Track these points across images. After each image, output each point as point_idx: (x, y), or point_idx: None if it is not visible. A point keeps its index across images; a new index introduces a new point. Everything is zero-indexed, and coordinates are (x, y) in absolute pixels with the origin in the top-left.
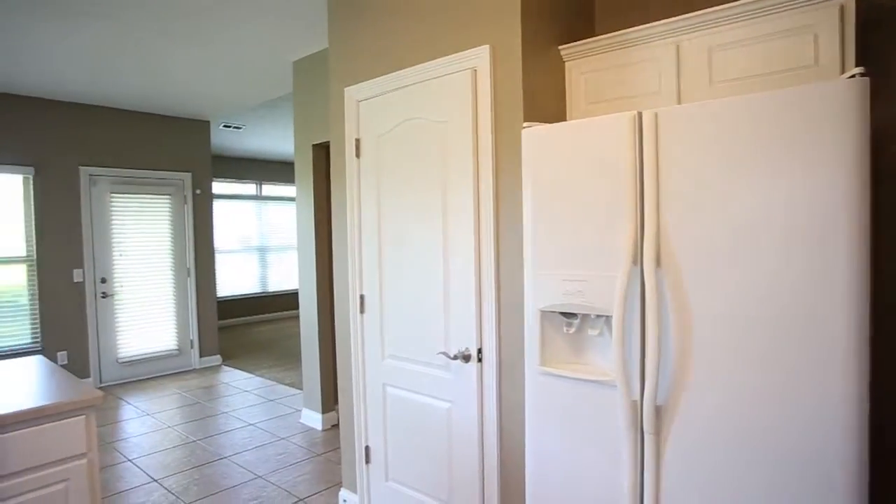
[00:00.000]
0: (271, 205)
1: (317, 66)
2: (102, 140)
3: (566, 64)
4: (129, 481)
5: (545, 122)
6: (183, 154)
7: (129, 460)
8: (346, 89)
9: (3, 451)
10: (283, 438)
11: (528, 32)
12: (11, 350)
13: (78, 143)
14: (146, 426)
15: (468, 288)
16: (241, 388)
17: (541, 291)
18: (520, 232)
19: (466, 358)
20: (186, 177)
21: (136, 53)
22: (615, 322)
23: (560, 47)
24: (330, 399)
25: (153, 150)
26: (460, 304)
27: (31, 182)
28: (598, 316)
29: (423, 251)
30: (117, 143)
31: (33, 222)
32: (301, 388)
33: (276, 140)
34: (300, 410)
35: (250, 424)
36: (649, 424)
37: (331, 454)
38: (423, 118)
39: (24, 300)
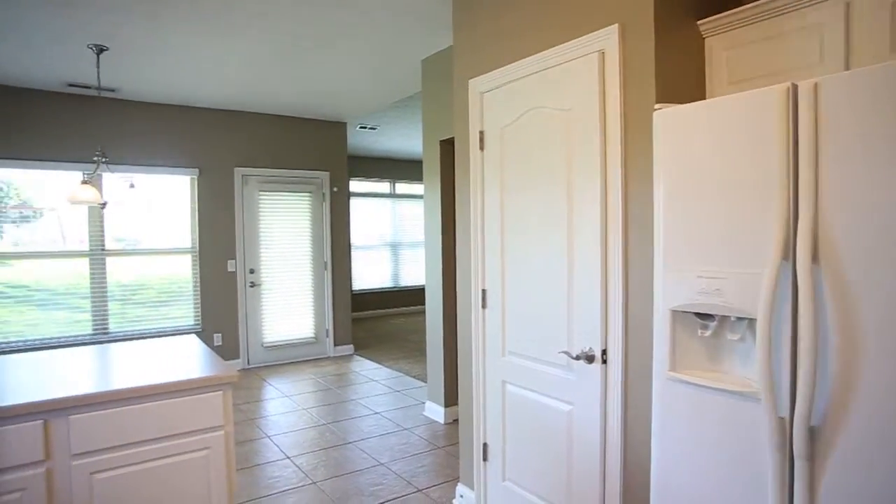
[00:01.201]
0: (404, 202)
1: (444, 62)
2: (253, 143)
3: (705, 41)
4: (266, 456)
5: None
6: (322, 154)
7: (268, 437)
8: (469, 81)
9: (156, 417)
10: (406, 429)
11: (661, 7)
12: (178, 330)
13: (234, 147)
14: (284, 407)
15: (593, 284)
16: (370, 377)
17: (672, 289)
18: (650, 224)
19: (590, 359)
20: (325, 175)
21: (284, 63)
22: (760, 326)
23: (698, 22)
24: (453, 393)
25: (296, 151)
26: (584, 302)
27: (196, 182)
28: (739, 318)
29: (547, 244)
30: (265, 145)
31: (197, 218)
32: (426, 381)
33: (408, 139)
34: (424, 403)
35: (376, 413)
36: (801, 448)
37: (451, 448)
38: (547, 107)
39: (189, 287)
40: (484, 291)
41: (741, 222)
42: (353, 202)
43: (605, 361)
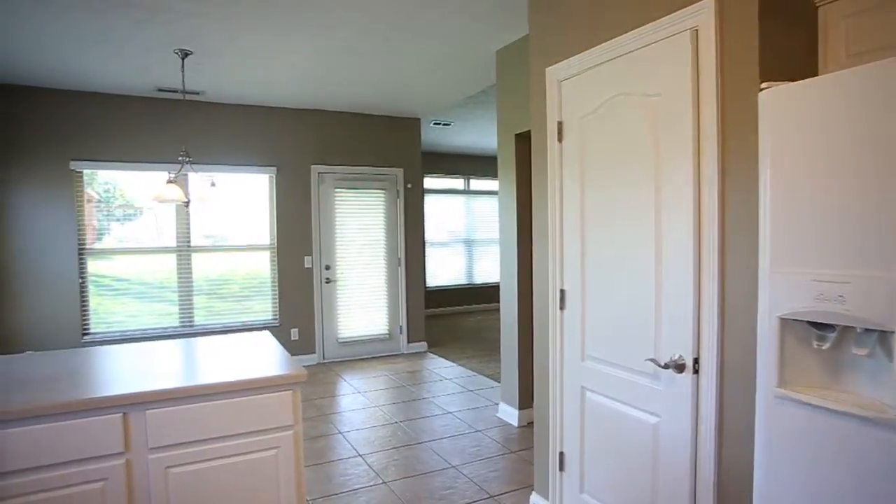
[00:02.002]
0: (479, 199)
1: (519, 52)
2: (329, 141)
3: (818, 9)
4: (339, 452)
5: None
6: (396, 151)
7: (341, 433)
8: (547, 69)
9: (227, 414)
10: (478, 431)
11: None
12: (258, 324)
13: (310, 145)
14: (357, 403)
15: (684, 286)
16: (442, 375)
17: (781, 294)
18: (751, 219)
19: (679, 368)
20: (399, 172)
21: (355, 60)
22: None
23: None
24: (527, 395)
25: (370, 148)
26: (674, 305)
27: (274, 180)
28: (866, 330)
29: (632, 242)
30: (340, 142)
31: (275, 215)
32: (500, 382)
33: (483, 135)
34: (497, 404)
35: (448, 413)
36: None
37: (524, 453)
38: (632, 93)
39: (268, 283)
40: (562, 292)
41: (870, 217)
42: (427, 199)
43: (696, 371)
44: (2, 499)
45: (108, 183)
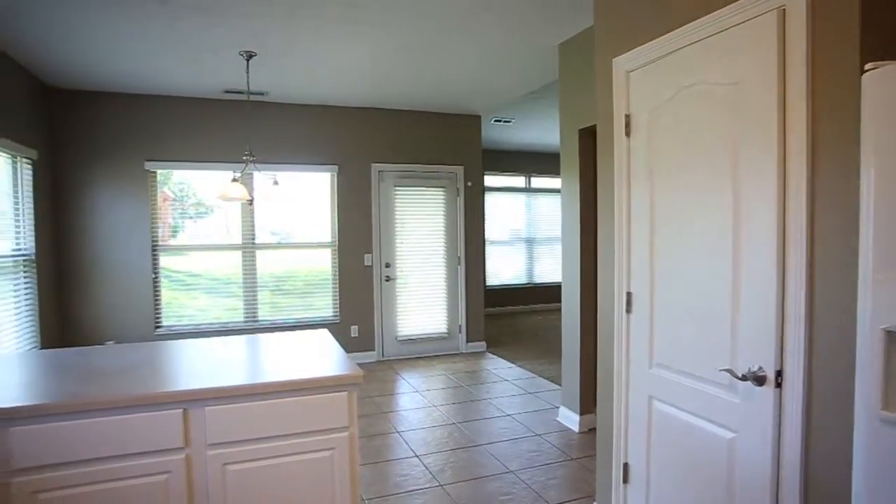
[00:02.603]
0: (540, 197)
1: (582, 45)
2: (389, 139)
3: None
4: (395, 452)
5: None
6: (456, 148)
7: (398, 432)
8: (613, 60)
9: (283, 413)
10: (537, 435)
11: None
12: (319, 321)
13: (370, 143)
14: (415, 402)
15: (765, 291)
16: (502, 376)
17: (885, 303)
18: (849, 218)
19: (759, 380)
20: (459, 170)
21: (413, 57)
22: None
23: None
24: (589, 400)
25: (430, 146)
26: (753, 311)
27: (335, 178)
28: None
29: (706, 242)
30: (400, 140)
31: (336, 213)
32: (560, 385)
33: (544, 132)
34: (558, 408)
35: (507, 415)
36: None
37: (586, 461)
38: (708, 82)
39: (329, 280)
40: (629, 294)
41: None
42: (488, 197)
43: (779, 385)
44: (73, 486)
45: (182, 182)
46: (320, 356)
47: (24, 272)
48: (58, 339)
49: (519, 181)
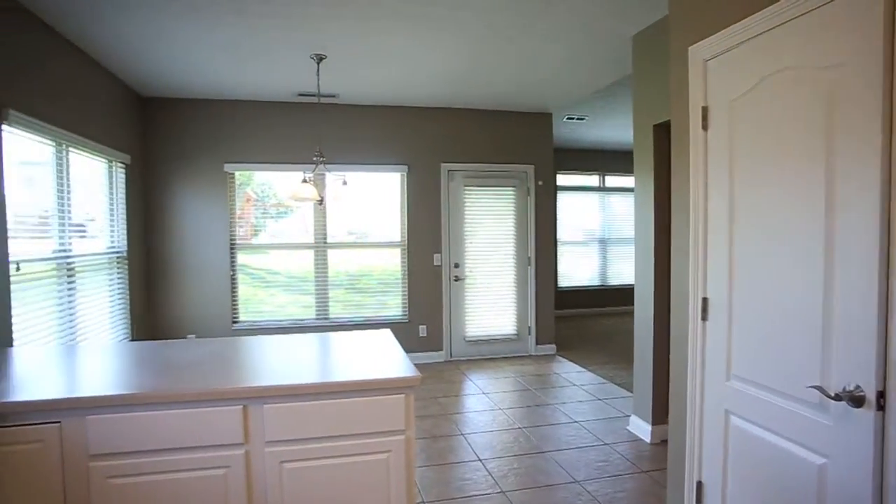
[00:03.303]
0: (615, 196)
1: (658, 35)
2: (459, 138)
3: None
4: (459, 455)
5: None
6: (527, 147)
7: (462, 434)
8: (690, 48)
9: (339, 414)
10: (606, 444)
11: None
12: (388, 320)
13: (440, 143)
14: (481, 404)
15: (865, 300)
16: (571, 381)
17: None
18: None
19: (856, 401)
20: (529, 169)
21: (483, 55)
22: None
23: None
24: (662, 410)
25: (500, 145)
26: (850, 322)
27: (405, 178)
28: None
29: (794, 245)
30: (470, 140)
31: (406, 213)
32: (632, 392)
33: (620, 129)
34: (629, 416)
35: (575, 422)
36: None
37: (657, 474)
38: (799, 66)
39: (399, 279)
40: (704, 300)
41: None
42: (560, 196)
43: (881, 408)
44: (141, 474)
45: (264, 183)
46: (380, 357)
47: (118, 268)
48: (146, 332)
49: (593, 180)
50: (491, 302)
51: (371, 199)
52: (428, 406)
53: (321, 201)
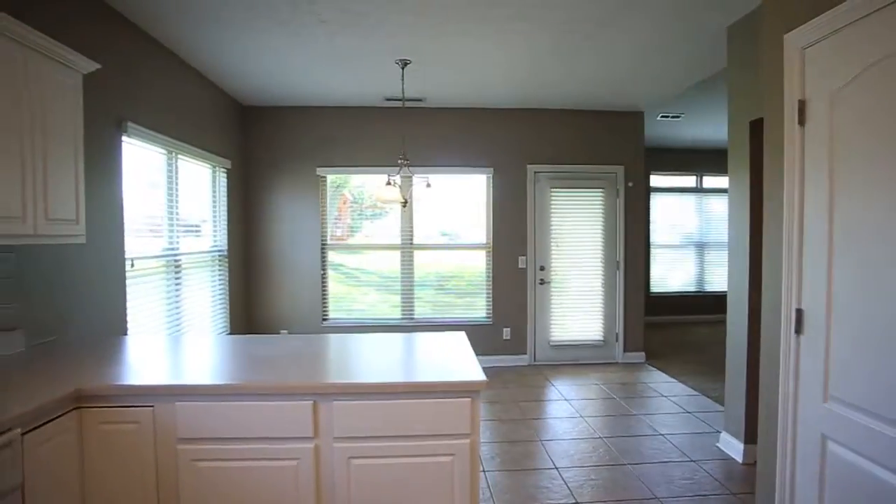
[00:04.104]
0: (713, 198)
1: (754, 26)
2: (544, 139)
3: None
4: (535, 461)
5: None
6: (616, 148)
7: (541, 440)
8: (785, 36)
9: (405, 414)
10: (693, 461)
11: None
12: (471, 322)
13: (526, 144)
14: (562, 411)
15: None
16: (659, 391)
17: None
18: None
19: None
20: (619, 170)
21: (566, 54)
22: None
23: None
24: (756, 427)
25: (587, 146)
26: None
27: (491, 181)
28: None
29: None
30: (556, 141)
31: (491, 215)
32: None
33: (719, 127)
34: (719, 432)
35: (660, 434)
36: None
37: (747, 497)
38: None
39: (483, 281)
40: (799, 311)
41: None
42: (654, 198)
43: None
44: (221, 459)
45: (360, 186)
46: (451, 359)
47: (219, 266)
48: (243, 326)
49: (689, 181)
50: (577, 306)
51: (456, 202)
52: (508, 410)
53: (405, 203)
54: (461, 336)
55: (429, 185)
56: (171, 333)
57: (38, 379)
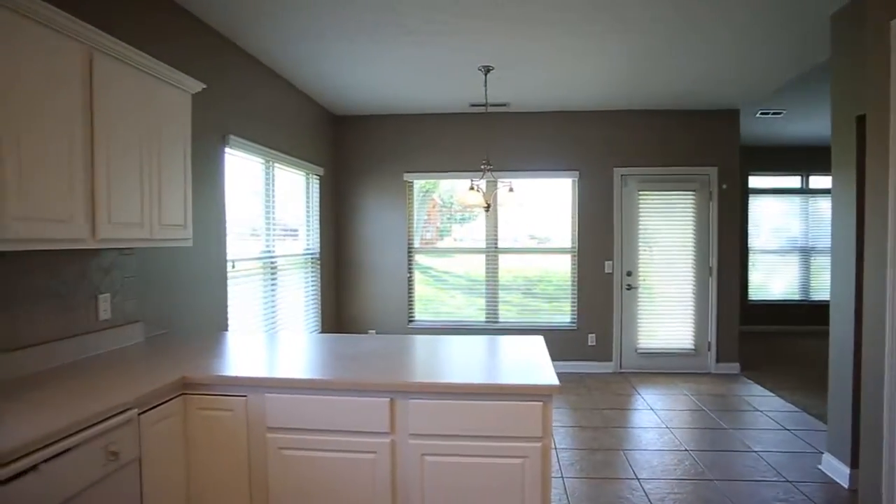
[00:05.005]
0: (820, 199)
1: (859, 13)
2: (632, 141)
3: None
4: (615, 470)
5: None
6: (708, 148)
7: (622, 450)
8: (892, 22)
9: (477, 415)
10: (789, 482)
11: None
12: (556, 326)
13: (613, 147)
14: (647, 420)
15: None
16: (755, 405)
17: None
18: None
19: None
20: (712, 171)
21: (657, 53)
22: None
23: None
24: None
25: (678, 147)
26: None
27: (576, 184)
28: None
29: None
30: (645, 142)
31: (577, 218)
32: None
33: (826, 122)
34: (822, 453)
35: (753, 451)
36: None
37: None
38: None
39: (568, 286)
40: None
41: None
42: (753, 200)
43: None
44: (305, 449)
45: (448, 190)
46: (526, 363)
47: (312, 268)
48: (333, 326)
49: (793, 181)
50: (666, 313)
51: (541, 206)
52: (590, 417)
53: (488, 207)
54: (538, 340)
55: (511, 190)
56: (267, 330)
57: (152, 367)
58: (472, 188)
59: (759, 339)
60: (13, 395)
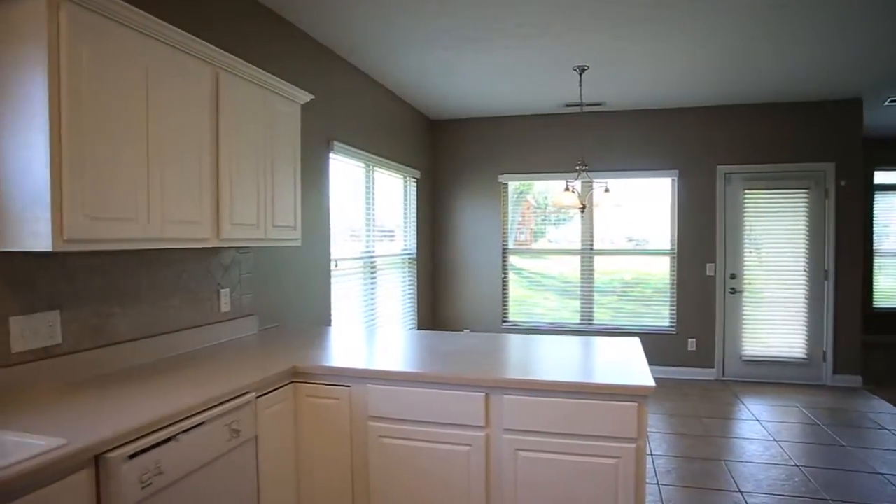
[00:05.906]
0: None
1: None
2: (737, 138)
3: None
4: (716, 482)
5: None
6: (823, 142)
7: (723, 460)
8: None
9: (570, 413)
10: None
11: None
12: (653, 330)
13: (715, 144)
14: (751, 431)
15: None
16: (879, 422)
17: None
18: None
19: None
20: (828, 167)
21: (765, 43)
22: None
23: None
24: None
25: (788, 142)
26: None
27: (676, 183)
28: None
29: None
30: (750, 138)
31: (676, 219)
32: None
33: None
34: None
35: (879, 473)
36: None
37: None
38: None
39: (666, 289)
40: None
41: None
42: (880, 198)
43: None
44: (403, 438)
45: (543, 192)
46: (620, 364)
47: (409, 268)
48: (429, 324)
49: None
50: (774, 319)
51: (638, 206)
52: (689, 424)
53: (583, 208)
54: (634, 342)
55: (607, 190)
56: (367, 326)
57: (265, 356)
58: (567, 189)
59: (887, 350)
60: (152, 376)
